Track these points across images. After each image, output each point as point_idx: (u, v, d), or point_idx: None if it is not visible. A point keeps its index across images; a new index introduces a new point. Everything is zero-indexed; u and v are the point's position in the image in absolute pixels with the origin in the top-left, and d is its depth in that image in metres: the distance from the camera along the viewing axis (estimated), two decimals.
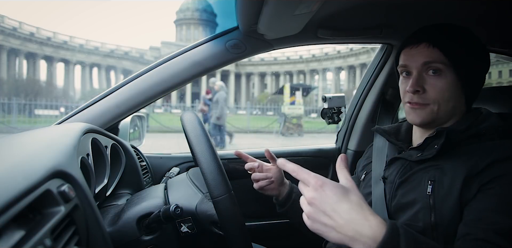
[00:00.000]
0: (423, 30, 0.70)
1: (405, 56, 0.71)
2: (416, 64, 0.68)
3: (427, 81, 0.67)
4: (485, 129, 0.65)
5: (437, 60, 0.65)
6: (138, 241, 0.70)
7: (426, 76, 0.67)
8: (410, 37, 0.71)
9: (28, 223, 0.36)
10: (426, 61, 0.66)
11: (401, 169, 0.72)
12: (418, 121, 0.69)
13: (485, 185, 0.58)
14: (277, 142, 10.28)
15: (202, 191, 0.77)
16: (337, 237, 0.49)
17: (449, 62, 0.65)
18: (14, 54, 38.52)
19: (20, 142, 0.56)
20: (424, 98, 0.67)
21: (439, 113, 0.67)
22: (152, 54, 48.55)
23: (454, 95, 0.67)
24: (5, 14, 38.14)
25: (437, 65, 0.66)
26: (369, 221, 0.49)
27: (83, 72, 46.79)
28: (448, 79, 0.66)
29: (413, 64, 0.69)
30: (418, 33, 0.70)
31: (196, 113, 0.72)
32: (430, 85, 0.67)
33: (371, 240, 0.47)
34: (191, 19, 53.98)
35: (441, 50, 0.65)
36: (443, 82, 0.66)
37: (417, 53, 0.68)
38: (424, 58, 0.67)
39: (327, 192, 0.51)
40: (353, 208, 0.49)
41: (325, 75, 45.29)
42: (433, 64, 0.66)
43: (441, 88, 0.66)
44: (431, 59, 0.66)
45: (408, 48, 0.70)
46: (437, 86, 0.66)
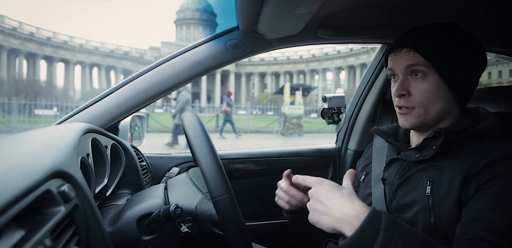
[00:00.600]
0: (404, 35, 0.71)
1: (391, 61, 0.72)
2: (400, 68, 0.69)
3: (412, 85, 0.68)
4: (483, 129, 0.65)
5: (419, 63, 0.66)
6: (138, 241, 0.70)
7: (410, 79, 0.68)
8: (394, 42, 0.72)
9: (28, 223, 0.36)
10: (408, 64, 0.67)
11: (400, 170, 0.72)
12: (407, 125, 0.70)
13: (482, 185, 0.58)
14: (277, 142, 10.28)
15: (202, 191, 0.77)
16: (329, 221, 0.57)
17: (431, 64, 0.65)
18: (14, 54, 38.53)
19: (20, 142, 0.56)
20: (409, 101, 0.68)
21: (427, 116, 0.68)
22: (152, 54, 48.56)
23: (440, 97, 0.67)
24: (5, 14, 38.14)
25: (419, 68, 0.66)
26: (355, 205, 0.57)
27: (83, 72, 46.81)
28: (432, 82, 0.66)
29: (397, 68, 0.70)
30: (400, 38, 0.71)
31: (196, 113, 0.72)
32: (415, 89, 0.67)
33: (356, 220, 0.54)
34: (191, 19, 53.99)
35: (421, 54, 0.66)
36: (426, 85, 0.66)
37: (400, 58, 0.69)
38: (406, 62, 0.67)
39: (324, 185, 0.61)
40: (343, 195, 0.59)
41: (325, 75, 45.30)
42: (415, 67, 0.67)
43: (426, 91, 0.66)
44: (412, 63, 0.67)
45: (392, 54, 0.71)
46: (421, 89, 0.67)
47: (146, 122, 1.35)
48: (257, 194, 1.31)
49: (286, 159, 1.35)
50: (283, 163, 1.33)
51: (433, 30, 0.69)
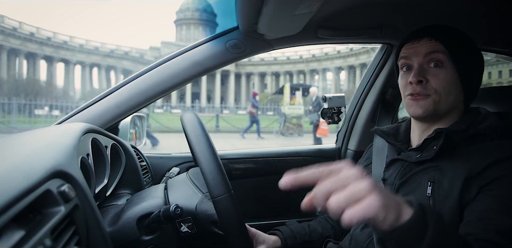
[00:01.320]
0: (424, 28, 0.72)
1: (407, 50, 0.72)
2: (418, 56, 0.69)
3: (429, 73, 0.68)
4: (484, 129, 0.65)
5: (439, 50, 0.67)
6: (138, 241, 0.70)
7: (427, 68, 0.69)
8: (412, 33, 0.73)
9: (28, 223, 0.36)
10: (428, 51, 0.68)
11: (400, 170, 0.72)
12: (420, 112, 0.69)
13: (485, 186, 0.58)
14: (277, 142, 10.27)
15: (202, 191, 0.77)
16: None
17: (450, 55, 0.67)
18: (14, 54, 38.53)
19: (20, 142, 0.56)
20: (426, 88, 0.68)
21: (441, 105, 0.68)
22: (152, 54, 48.57)
23: (454, 90, 0.68)
24: (5, 14, 38.14)
25: (439, 56, 0.67)
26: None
27: (83, 72, 46.82)
28: (449, 71, 0.67)
29: (414, 57, 0.70)
30: (419, 30, 0.72)
31: (196, 113, 0.72)
32: (432, 76, 0.68)
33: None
34: (191, 19, 54.00)
35: (442, 42, 0.67)
36: (444, 74, 0.67)
37: (419, 46, 0.70)
38: (426, 49, 0.68)
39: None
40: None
41: (325, 75, 45.30)
42: (435, 54, 0.67)
43: (443, 79, 0.67)
44: (433, 50, 0.67)
45: (409, 44, 0.72)
46: (439, 77, 0.67)
47: (146, 122, 1.35)
48: (257, 194, 1.31)
49: (286, 159, 1.35)
50: (283, 163, 1.33)
51: (450, 28, 0.71)
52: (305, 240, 0.88)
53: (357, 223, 0.41)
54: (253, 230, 0.83)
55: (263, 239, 0.83)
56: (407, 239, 0.43)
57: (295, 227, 0.90)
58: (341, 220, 0.40)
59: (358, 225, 0.80)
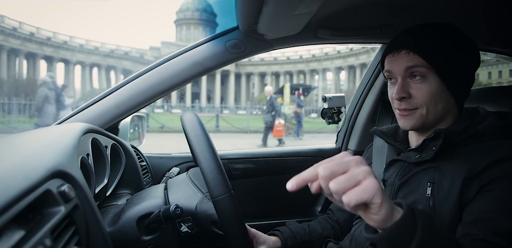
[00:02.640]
0: (402, 37, 0.69)
1: (388, 63, 0.70)
2: (399, 70, 0.67)
3: (412, 87, 0.67)
4: (483, 129, 0.65)
5: (419, 65, 0.65)
6: (138, 241, 0.70)
7: (410, 81, 0.67)
8: (391, 43, 0.70)
9: (28, 223, 0.36)
10: (408, 66, 0.66)
11: (400, 171, 0.72)
12: (408, 127, 0.69)
13: (484, 186, 0.58)
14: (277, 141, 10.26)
15: (202, 191, 0.77)
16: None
17: (431, 66, 0.64)
18: (14, 54, 38.53)
19: (20, 142, 0.56)
20: (411, 103, 0.67)
21: (429, 116, 0.67)
22: (152, 54, 48.58)
23: (441, 98, 0.66)
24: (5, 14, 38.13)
25: (420, 70, 0.65)
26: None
27: (83, 72, 46.82)
28: (432, 83, 0.65)
29: (396, 70, 0.68)
30: (397, 39, 0.69)
31: (196, 113, 0.72)
32: (416, 90, 0.66)
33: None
34: (191, 19, 54.00)
35: (421, 55, 0.65)
36: (427, 86, 0.65)
37: (399, 59, 0.67)
38: (406, 63, 0.66)
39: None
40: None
41: (325, 75, 45.31)
42: (415, 69, 0.65)
43: (427, 92, 0.65)
44: (412, 64, 0.65)
45: (390, 55, 0.70)
46: (422, 90, 0.66)
47: (146, 122, 1.35)
48: (257, 194, 1.31)
49: (286, 159, 1.35)
50: (283, 163, 1.33)
51: (430, 30, 0.68)
52: (305, 240, 0.88)
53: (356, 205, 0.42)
54: (253, 230, 0.83)
55: (264, 240, 0.83)
56: (396, 240, 0.45)
57: (295, 227, 0.90)
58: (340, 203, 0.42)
59: (358, 226, 0.80)
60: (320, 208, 1.36)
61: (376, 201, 0.42)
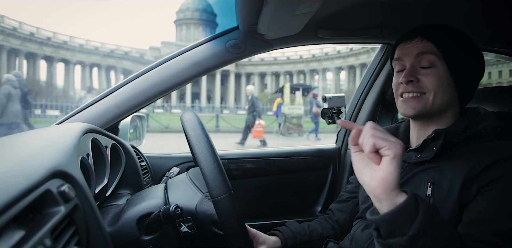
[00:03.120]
0: (417, 27, 0.71)
1: (400, 51, 0.72)
2: (410, 56, 0.69)
3: (420, 73, 0.68)
4: (483, 129, 0.65)
5: (430, 51, 0.67)
6: (138, 241, 0.70)
7: (419, 68, 0.68)
8: (405, 34, 0.72)
9: (28, 223, 0.36)
10: (419, 52, 0.68)
11: (400, 171, 0.72)
12: (410, 112, 0.69)
13: (484, 186, 0.58)
14: (277, 142, 10.27)
15: (202, 191, 0.77)
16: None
17: (442, 55, 0.66)
18: (14, 54, 38.52)
19: (20, 142, 0.56)
20: (418, 87, 0.68)
21: (433, 104, 0.67)
22: (152, 54, 48.59)
23: (447, 90, 0.67)
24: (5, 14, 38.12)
25: (430, 57, 0.67)
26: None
27: (83, 72, 46.81)
28: (441, 72, 0.67)
29: (406, 57, 0.70)
30: (413, 29, 0.72)
31: (196, 113, 0.72)
32: (423, 76, 0.68)
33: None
34: (191, 19, 54.01)
35: (433, 42, 0.67)
36: (436, 74, 0.67)
37: (411, 47, 0.69)
38: (417, 50, 0.68)
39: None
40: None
41: (325, 75, 45.31)
42: (426, 55, 0.67)
43: (435, 79, 0.67)
44: (424, 50, 0.67)
45: (402, 44, 0.72)
46: (430, 77, 0.67)
47: (146, 122, 1.35)
48: (257, 194, 1.31)
49: (286, 159, 1.35)
50: (283, 163, 1.33)
51: (445, 27, 0.70)
52: (305, 240, 0.88)
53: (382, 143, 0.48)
54: (253, 230, 0.83)
55: (264, 240, 0.83)
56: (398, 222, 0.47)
57: (295, 227, 0.90)
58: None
59: (359, 226, 0.80)
60: (320, 208, 1.36)
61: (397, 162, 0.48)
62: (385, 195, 0.48)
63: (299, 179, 1.35)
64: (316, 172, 1.38)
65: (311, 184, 1.37)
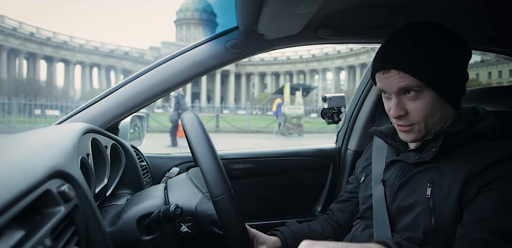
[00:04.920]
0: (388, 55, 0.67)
1: (379, 81, 0.69)
2: (392, 89, 0.66)
3: (408, 104, 0.66)
4: (482, 129, 0.65)
5: (412, 85, 0.64)
6: (138, 241, 0.70)
7: (405, 98, 0.66)
8: (379, 61, 0.68)
9: (28, 223, 0.35)
10: (400, 86, 0.65)
11: (400, 172, 0.72)
12: (409, 140, 0.71)
13: (484, 186, 0.58)
14: (277, 142, 10.27)
15: (202, 191, 0.77)
16: None
17: (424, 82, 0.63)
18: (14, 54, 38.53)
19: (20, 142, 0.56)
20: (408, 120, 0.67)
21: (427, 128, 0.67)
22: (152, 54, 48.60)
23: (438, 108, 0.66)
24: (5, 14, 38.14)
25: (413, 87, 0.64)
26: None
27: (83, 72, 46.82)
28: (428, 98, 0.64)
29: (389, 89, 0.67)
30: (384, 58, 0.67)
31: (196, 114, 0.72)
32: (412, 107, 0.66)
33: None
34: (191, 19, 54.00)
35: (412, 75, 0.63)
36: (423, 102, 0.65)
37: (390, 79, 0.66)
38: (398, 84, 0.65)
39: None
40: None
41: (325, 75, 45.30)
42: (409, 87, 0.64)
43: (423, 108, 0.65)
44: (405, 85, 0.64)
45: (380, 73, 0.68)
46: (418, 107, 0.65)
47: (146, 122, 1.35)
48: (257, 194, 1.31)
49: (286, 159, 1.35)
50: (283, 163, 1.33)
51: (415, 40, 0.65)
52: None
53: None
54: (253, 231, 0.83)
55: (264, 240, 0.83)
56: None
57: (295, 227, 0.90)
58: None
59: (358, 226, 0.80)
60: (320, 208, 1.36)
61: None
62: None
63: (299, 179, 1.35)
64: (316, 172, 1.38)
65: (311, 184, 1.37)
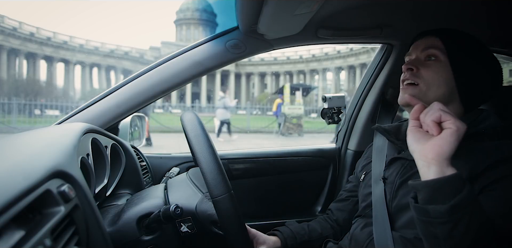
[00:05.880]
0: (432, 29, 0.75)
1: (412, 48, 0.76)
2: (417, 50, 0.74)
3: (423, 64, 0.71)
4: (484, 129, 0.65)
5: (436, 46, 0.70)
6: (138, 241, 0.70)
7: (423, 61, 0.72)
8: (420, 33, 0.76)
9: (28, 223, 0.35)
10: (426, 46, 0.72)
11: (401, 169, 0.72)
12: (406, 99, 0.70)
13: (486, 186, 0.58)
14: (277, 142, 10.27)
15: (202, 191, 0.77)
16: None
17: (446, 51, 0.69)
18: (14, 54, 38.53)
19: (20, 142, 0.56)
20: (416, 76, 0.70)
21: (428, 95, 0.69)
22: (152, 54, 48.60)
23: (445, 84, 0.69)
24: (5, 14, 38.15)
25: (434, 51, 0.70)
26: None
27: (83, 72, 46.82)
28: (442, 66, 0.69)
29: (414, 50, 0.75)
30: (426, 31, 0.75)
31: (196, 113, 0.72)
32: (424, 67, 0.70)
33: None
34: (191, 19, 53.99)
35: (441, 39, 0.71)
36: (436, 67, 0.69)
37: (421, 42, 0.74)
38: (425, 44, 0.72)
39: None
40: None
41: (325, 75, 45.30)
42: (431, 49, 0.71)
43: (434, 71, 0.69)
44: (431, 45, 0.71)
45: (416, 41, 0.76)
46: (430, 69, 0.70)
47: (146, 122, 1.34)
48: (257, 194, 1.31)
49: (286, 159, 1.35)
50: (283, 163, 1.33)
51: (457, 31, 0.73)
52: (305, 240, 0.88)
53: (448, 116, 0.52)
54: (253, 231, 0.83)
55: (264, 240, 0.84)
56: (443, 190, 0.49)
57: (294, 227, 0.90)
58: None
59: (358, 225, 0.80)
60: (320, 208, 1.36)
61: (451, 126, 0.51)
62: (436, 161, 0.50)
63: (299, 179, 1.35)
64: (316, 172, 1.38)
65: (311, 184, 1.37)
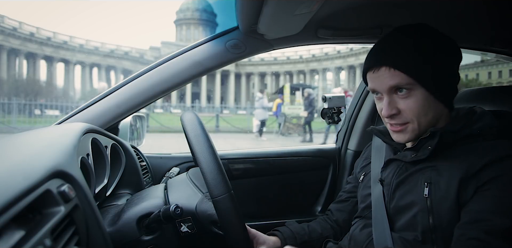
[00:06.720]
0: (379, 52, 0.68)
1: (371, 80, 0.69)
2: (383, 88, 0.66)
3: (399, 102, 0.66)
4: (479, 129, 0.65)
5: (403, 82, 0.63)
6: (138, 241, 0.70)
7: (396, 97, 0.66)
8: (369, 60, 0.69)
9: (28, 223, 0.36)
10: (391, 85, 0.65)
11: (397, 170, 0.72)
12: (403, 141, 0.69)
13: (481, 186, 0.58)
14: (277, 142, 10.27)
15: (202, 191, 0.77)
16: None
17: (414, 80, 0.63)
18: (14, 54, 38.54)
19: (20, 142, 0.56)
20: (401, 118, 0.67)
21: (421, 127, 0.66)
22: (152, 54, 48.62)
23: (430, 107, 0.65)
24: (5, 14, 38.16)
25: (404, 85, 0.64)
26: None
27: (83, 72, 46.84)
28: (419, 96, 0.64)
29: (380, 88, 0.67)
30: (374, 56, 0.68)
31: (196, 113, 0.72)
32: (404, 105, 0.65)
33: None
34: (191, 19, 54.02)
35: (403, 71, 0.63)
36: (414, 100, 0.64)
37: (381, 77, 0.66)
38: (389, 82, 0.65)
39: None
40: None
41: (325, 75, 45.31)
42: (400, 85, 0.64)
43: (415, 106, 0.65)
44: (396, 83, 0.64)
45: (370, 72, 0.68)
46: (410, 105, 0.65)
47: (146, 122, 1.35)
48: (257, 194, 1.31)
49: (286, 159, 1.35)
50: (283, 163, 1.33)
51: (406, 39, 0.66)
52: (305, 240, 0.88)
53: None
54: (253, 231, 0.83)
55: (264, 240, 0.84)
56: None
57: (294, 227, 0.90)
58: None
59: (357, 225, 0.80)
60: (320, 208, 1.36)
61: None
62: None
63: (299, 179, 1.35)
64: (316, 172, 1.38)
65: (311, 184, 1.37)
